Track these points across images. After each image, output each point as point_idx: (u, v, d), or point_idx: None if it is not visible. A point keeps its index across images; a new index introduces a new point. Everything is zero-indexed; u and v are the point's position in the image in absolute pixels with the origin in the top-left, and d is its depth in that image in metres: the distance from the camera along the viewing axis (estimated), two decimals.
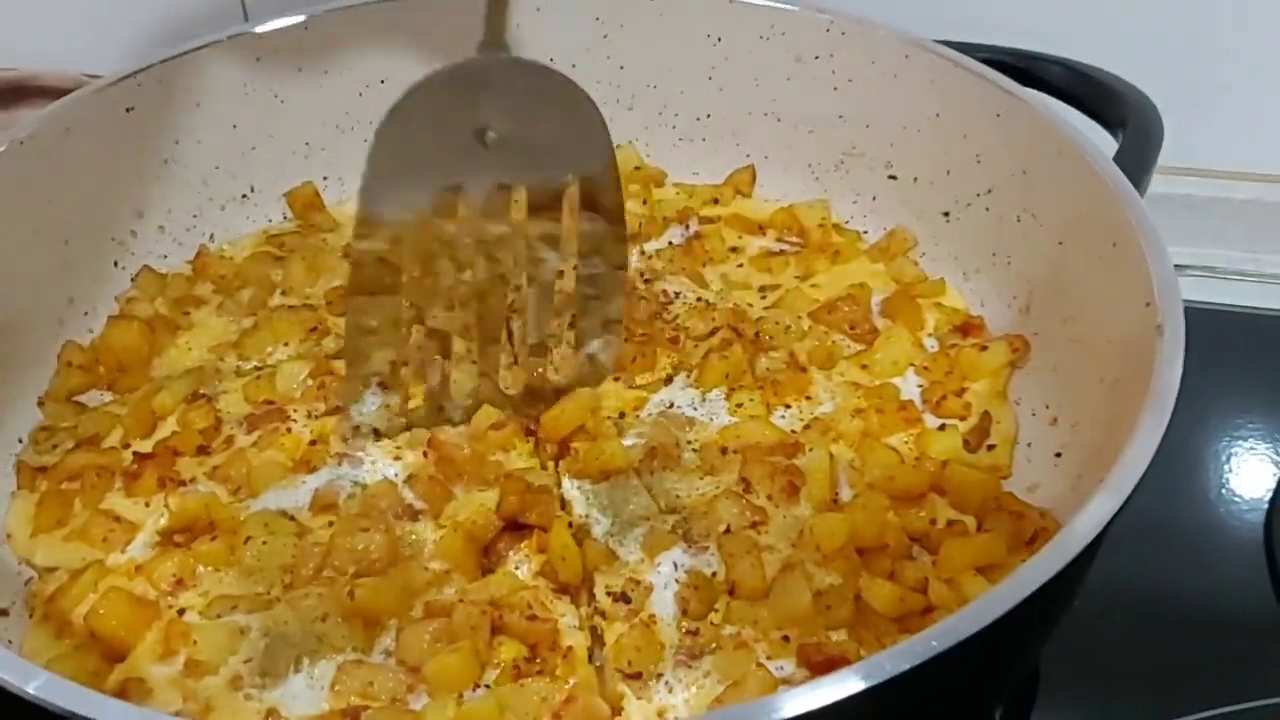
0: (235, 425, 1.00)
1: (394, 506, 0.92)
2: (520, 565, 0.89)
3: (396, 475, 0.95)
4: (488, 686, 0.80)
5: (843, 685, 0.60)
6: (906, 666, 0.60)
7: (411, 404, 0.99)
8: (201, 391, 1.03)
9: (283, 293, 1.15)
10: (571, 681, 0.80)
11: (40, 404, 1.04)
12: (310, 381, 1.03)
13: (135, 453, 0.98)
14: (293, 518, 0.92)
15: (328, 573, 0.87)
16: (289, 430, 0.99)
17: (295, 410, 1.01)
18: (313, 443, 0.98)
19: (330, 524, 0.91)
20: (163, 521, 0.93)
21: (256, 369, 1.06)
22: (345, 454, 0.97)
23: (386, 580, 0.85)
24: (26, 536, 0.94)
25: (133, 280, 1.14)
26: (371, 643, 0.84)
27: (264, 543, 0.89)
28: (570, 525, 0.91)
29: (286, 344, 1.08)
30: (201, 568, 0.89)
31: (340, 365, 1.05)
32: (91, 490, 0.95)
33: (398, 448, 0.98)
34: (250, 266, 1.17)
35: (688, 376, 1.04)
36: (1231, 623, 1.01)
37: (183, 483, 0.96)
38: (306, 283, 1.15)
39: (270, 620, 0.84)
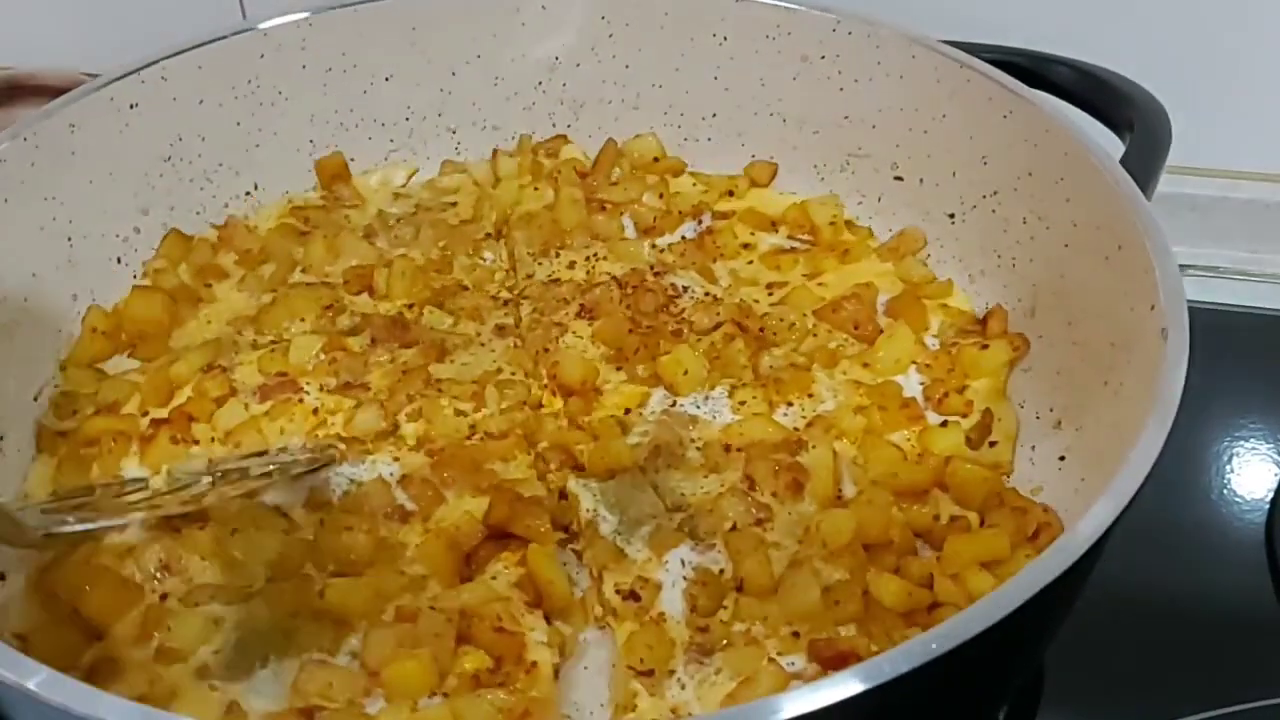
0: (249, 395, 1.01)
1: (384, 507, 0.92)
2: (498, 576, 0.88)
3: (392, 475, 0.95)
4: (446, 695, 0.79)
5: (843, 687, 0.60)
6: (907, 668, 0.60)
7: None
8: (218, 363, 1.05)
9: (303, 270, 1.16)
10: (533, 693, 0.80)
11: (62, 368, 1.05)
12: (323, 356, 1.04)
13: (152, 419, 0.99)
14: (285, 514, 0.92)
15: (307, 570, 0.87)
16: (300, 401, 1.01)
17: (308, 382, 1.03)
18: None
19: (321, 521, 0.91)
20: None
21: (272, 343, 1.07)
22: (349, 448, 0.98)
23: (359, 582, 0.85)
24: (44, 499, 0.94)
25: (161, 243, 1.16)
26: (339, 643, 0.83)
27: (250, 536, 0.89)
28: (579, 529, 0.91)
29: (303, 319, 1.10)
30: (188, 555, 0.89)
31: (354, 341, 1.06)
32: (109, 455, 0.97)
33: (397, 449, 0.98)
34: (273, 240, 1.19)
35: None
36: (1233, 623, 1.01)
37: (195, 442, 0.97)
38: (326, 261, 1.16)
39: (245, 614, 0.84)
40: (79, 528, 0.88)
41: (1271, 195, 1.39)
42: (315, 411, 1.00)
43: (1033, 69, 1.10)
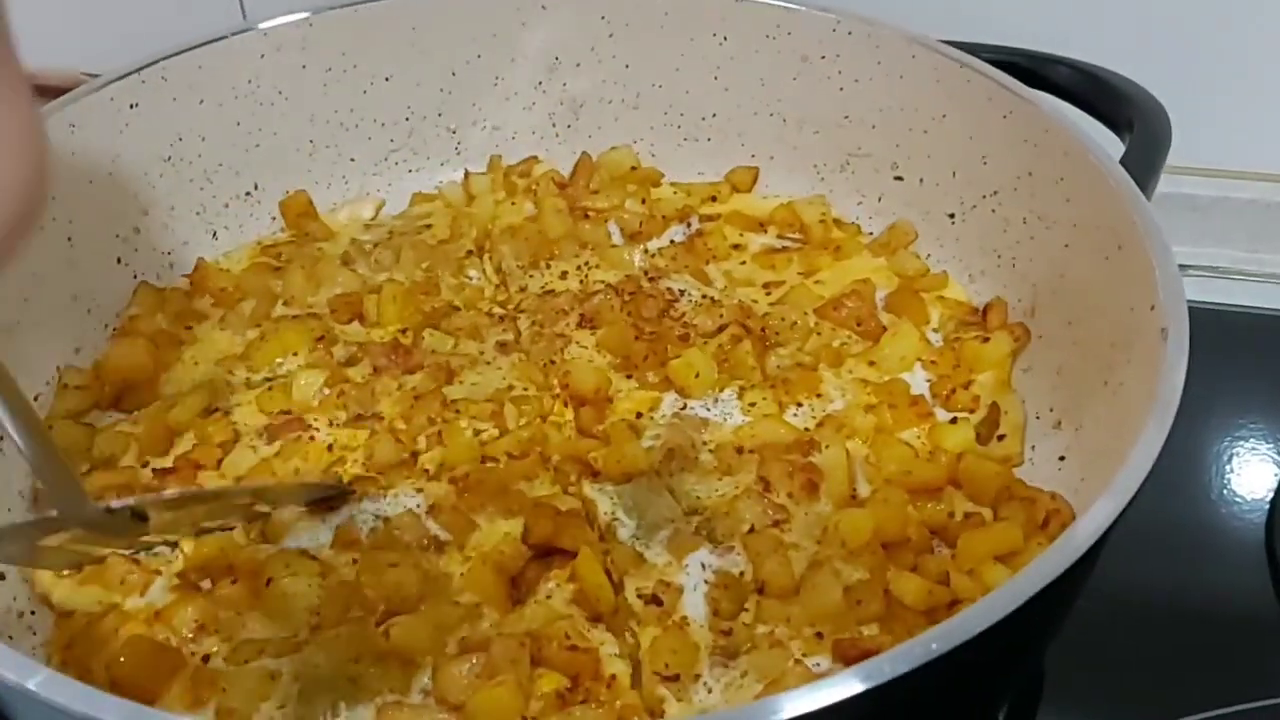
0: (254, 437, 0.99)
1: (418, 539, 0.90)
2: (552, 595, 0.87)
3: (419, 506, 0.93)
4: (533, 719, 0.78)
5: (843, 687, 0.60)
6: (906, 668, 0.60)
7: None
8: (215, 405, 1.02)
9: (285, 303, 1.14)
10: (619, 704, 0.79)
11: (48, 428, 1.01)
12: (327, 390, 1.02)
13: (154, 469, 0.97)
14: (315, 557, 0.89)
15: (356, 612, 0.85)
16: (311, 439, 0.99)
17: (315, 419, 1.00)
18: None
19: (354, 561, 0.88)
20: (179, 564, 0.89)
21: (267, 380, 1.05)
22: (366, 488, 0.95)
23: (420, 618, 0.83)
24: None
25: (133, 295, 1.13)
26: (408, 683, 0.81)
27: (287, 584, 0.86)
28: (599, 535, 0.91)
29: (295, 354, 1.07)
30: (223, 612, 0.85)
31: (354, 372, 1.04)
32: None
33: (418, 479, 0.96)
34: (249, 278, 1.16)
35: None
36: (1233, 623, 1.01)
37: None
38: (308, 291, 1.14)
39: (301, 663, 0.81)
40: (130, 501, 0.81)
41: (1271, 195, 1.39)
42: (330, 448, 0.98)
43: (1033, 69, 1.10)
